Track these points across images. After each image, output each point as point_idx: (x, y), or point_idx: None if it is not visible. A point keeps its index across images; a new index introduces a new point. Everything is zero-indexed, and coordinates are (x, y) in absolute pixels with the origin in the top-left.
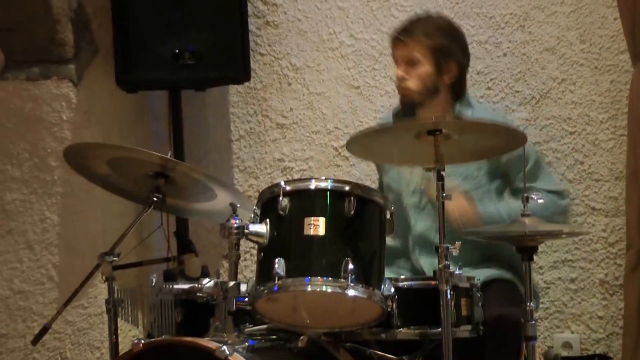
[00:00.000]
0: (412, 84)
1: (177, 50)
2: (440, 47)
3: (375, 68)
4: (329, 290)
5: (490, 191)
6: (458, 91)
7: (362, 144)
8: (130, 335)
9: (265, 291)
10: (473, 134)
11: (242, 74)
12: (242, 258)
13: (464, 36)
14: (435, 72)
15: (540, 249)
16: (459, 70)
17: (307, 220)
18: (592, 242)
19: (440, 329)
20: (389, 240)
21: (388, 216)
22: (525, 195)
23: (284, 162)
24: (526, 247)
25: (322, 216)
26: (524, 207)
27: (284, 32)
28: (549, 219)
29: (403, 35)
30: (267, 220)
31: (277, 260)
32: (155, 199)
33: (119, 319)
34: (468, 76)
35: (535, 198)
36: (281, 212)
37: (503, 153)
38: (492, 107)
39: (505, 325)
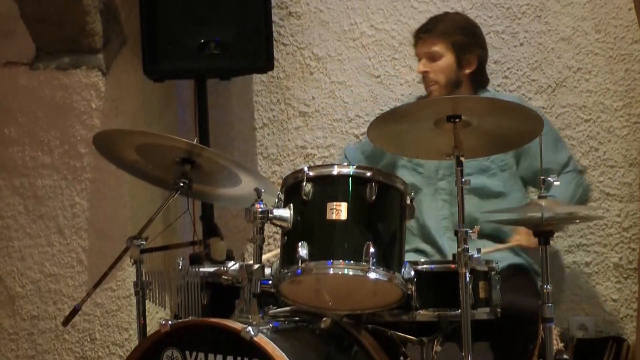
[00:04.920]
0: (435, 76)
1: (202, 41)
2: (459, 42)
3: (395, 58)
4: (351, 273)
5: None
6: (479, 82)
7: (383, 131)
8: (158, 316)
9: (289, 274)
10: (492, 118)
11: (265, 63)
12: (266, 242)
13: (481, 31)
14: (456, 65)
15: (555, 233)
16: (478, 63)
17: (329, 205)
18: (607, 226)
19: (458, 311)
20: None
21: (408, 202)
22: (542, 177)
23: (306, 149)
24: (543, 231)
25: (344, 201)
26: (542, 189)
27: (307, 23)
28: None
29: (424, 33)
30: (291, 205)
31: (300, 244)
32: (181, 184)
33: (146, 301)
34: (486, 65)
35: (552, 180)
36: (304, 197)
37: (521, 144)
38: (508, 96)
39: (520, 316)
